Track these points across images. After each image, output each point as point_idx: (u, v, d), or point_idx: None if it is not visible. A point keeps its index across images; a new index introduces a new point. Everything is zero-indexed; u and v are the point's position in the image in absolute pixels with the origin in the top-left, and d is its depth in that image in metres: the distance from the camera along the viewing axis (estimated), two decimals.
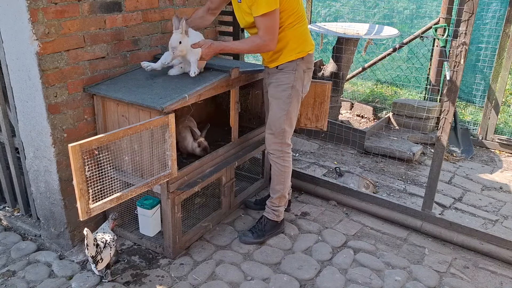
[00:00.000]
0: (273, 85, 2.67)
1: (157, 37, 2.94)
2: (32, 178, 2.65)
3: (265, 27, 2.44)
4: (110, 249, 2.36)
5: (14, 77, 2.41)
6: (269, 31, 2.44)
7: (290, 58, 2.58)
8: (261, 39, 2.47)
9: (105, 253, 2.32)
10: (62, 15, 2.30)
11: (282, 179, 2.81)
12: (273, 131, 2.70)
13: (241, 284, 2.49)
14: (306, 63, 2.64)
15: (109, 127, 2.57)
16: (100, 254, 2.29)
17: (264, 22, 2.42)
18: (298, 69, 2.61)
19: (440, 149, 2.82)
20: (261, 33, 2.46)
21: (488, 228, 3.14)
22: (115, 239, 2.42)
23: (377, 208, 3.18)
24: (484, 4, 5.03)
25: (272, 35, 2.46)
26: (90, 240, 2.21)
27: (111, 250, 2.37)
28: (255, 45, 2.51)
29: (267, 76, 2.76)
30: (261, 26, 2.44)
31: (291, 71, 2.60)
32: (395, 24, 5.80)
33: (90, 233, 2.21)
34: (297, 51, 2.58)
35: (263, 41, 2.47)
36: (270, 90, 2.70)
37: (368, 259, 2.74)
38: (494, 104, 4.49)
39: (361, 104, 5.45)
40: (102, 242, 2.33)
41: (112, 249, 2.38)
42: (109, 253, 2.36)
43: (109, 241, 2.36)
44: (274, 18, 2.43)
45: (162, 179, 2.30)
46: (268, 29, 2.44)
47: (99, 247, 2.28)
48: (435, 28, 4.46)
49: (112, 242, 2.38)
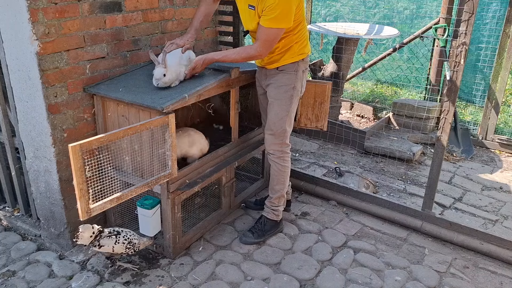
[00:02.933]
0: (273, 86, 2.66)
1: (157, 37, 2.94)
2: (32, 178, 2.65)
3: (265, 40, 2.42)
4: (116, 243, 2.38)
5: (14, 77, 2.41)
6: (267, 44, 2.43)
7: (292, 59, 2.59)
8: (255, 50, 2.45)
9: (106, 241, 2.35)
10: (62, 15, 2.30)
11: (282, 179, 2.82)
12: (274, 131, 2.70)
13: (241, 284, 2.49)
14: (304, 64, 2.67)
15: (109, 127, 2.57)
16: (99, 240, 2.33)
17: (267, 34, 2.40)
18: (298, 69, 2.62)
19: (440, 149, 2.82)
20: (259, 44, 2.43)
21: (488, 228, 3.14)
22: (131, 241, 2.44)
23: (377, 208, 3.18)
24: (484, 4, 5.03)
25: (268, 49, 2.45)
26: (86, 234, 2.28)
27: (116, 244, 2.38)
28: (248, 56, 2.49)
29: (263, 78, 2.74)
30: (263, 37, 2.42)
31: (293, 72, 2.61)
32: (395, 24, 5.80)
33: (88, 229, 2.28)
34: (299, 53, 2.60)
35: (257, 52, 2.45)
36: (270, 91, 2.69)
37: (368, 259, 2.74)
38: (494, 104, 4.49)
39: (361, 104, 5.45)
40: (110, 232, 2.38)
41: (118, 245, 2.39)
42: (112, 245, 2.37)
43: (121, 236, 2.40)
44: (278, 35, 2.42)
45: (162, 179, 2.30)
46: (268, 42, 2.43)
47: (101, 234, 2.34)
48: (435, 28, 4.46)
49: (123, 238, 2.40)
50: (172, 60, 2.49)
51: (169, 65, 2.46)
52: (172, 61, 2.48)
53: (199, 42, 3.33)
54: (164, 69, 2.43)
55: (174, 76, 2.50)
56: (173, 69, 2.49)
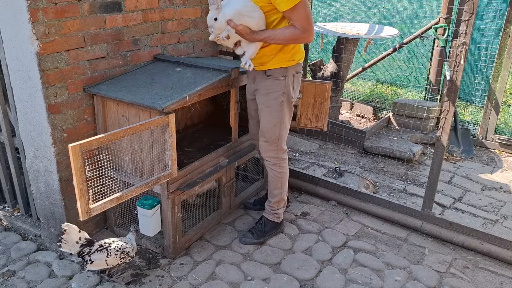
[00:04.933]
0: (262, 92, 2.58)
1: (157, 37, 2.94)
2: (32, 178, 2.65)
3: (299, 18, 2.27)
4: (108, 255, 2.31)
5: (14, 77, 2.41)
6: (306, 20, 2.28)
7: (282, 64, 2.49)
8: (299, 30, 2.29)
9: (96, 255, 2.28)
10: (62, 15, 2.30)
11: (279, 184, 2.79)
12: (267, 138, 2.65)
13: (241, 284, 2.49)
14: (295, 68, 2.56)
15: (109, 127, 2.57)
16: (89, 255, 2.26)
17: (297, 14, 2.26)
18: (288, 74, 2.52)
19: (440, 149, 2.82)
20: (299, 25, 2.28)
21: (488, 228, 3.14)
22: (124, 251, 2.37)
23: (377, 208, 3.18)
24: (484, 4, 5.03)
25: (310, 25, 2.30)
26: (71, 236, 2.21)
27: (109, 257, 2.31)
28: (294, 36, 2.31)
29: (251, 81, 2.66)
30: (294, 17, 2.27)
31: (281, 77, 2.51)
32: (395, 24, 5.80)
33: (73, 230, 2.21)
34: (288, 58, 2.50)
35: (302, 32, 2.29)
36: (259, 98, 2.61)
37: (368, 259, 2.74)
38: (494, 104, 4.49)
39: (361, 104, 5.45)
40: (101, 245, 2.31)
41: (111, 257, 2.32)
42: (105, 259, 2.30)
43: (112, 248, 2.33)
44: (306, 6, 2.26)
45: (162, 179, 2.30)
46: (305, 19, 2.27)
47: (89, 247, 2.26)
48: (435, 28, 4.46)
49: (115, 250, 2.34)
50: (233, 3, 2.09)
51: (225, 6, 2.01)
52: (232, 4, 2.09)
53: (199, 42, 3.33)
54: (215, 11, 2.01)
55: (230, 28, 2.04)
56: (230, 13, 2.05)
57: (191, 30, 3.22)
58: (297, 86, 2.67)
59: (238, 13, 2.16)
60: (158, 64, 2.85)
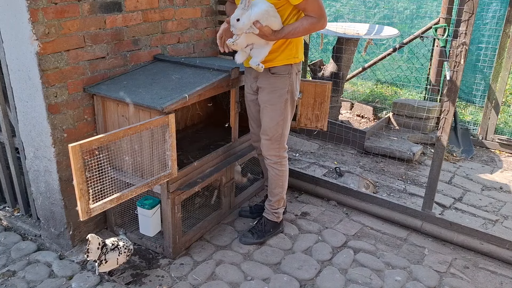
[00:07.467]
0: (266, 90, 2.56)
1: (157, 37, 2.94)
2: (32, 178, 2.65)
3: (314, 8, 2.28)
4: (119, 254, 2.37)
5: (14, 77, 2.41)
6: (320, 8, 2.29)
7: (288, 61, 2.49)
8: (316, 19, 2.30)
9: (111, 255, 2.33)
10: (62, 15, 2.30)
11: (280, 183, 2.80)
12: (270, 136, 2.64)
13: (241, 284, 2.49)
14: (297, 66, 2.57)
15: (109, 127, 2.57)
16: (105, 254, 2.30)
17: (311, 4, 2.27)
18: (292, 71, 2.53)
19: (440, 149, 2.82)
20: (314, 13, 2.29)
21: (488, 228, 3.14)
22: (129, 248, 2.44)
23: (377, 208, 3.18)
24: (484, 4, 5.03)
25: (324, 11, 2.31)
26: (94, 246, 2.24)
27: (120, 256, 2.37)
28: (313, 25, 2.32)
29: (253, 80, 2.63)
30: (309, 7, 2.28)
31: (286, 75, 2.52)
32: (395, 24, 5.80)
33: (95, 239, 2.24)
34: (295, 55, 2.51)
35: (318, 20, 2.30)
36: (263, 96, 2.59)
37: (368, 259, 2.74)
38: (494, 104, 4.49)
39: (361, 104, 5.45)
40: (112, 243, 2.35)
41: (122, 255, 2.38)
42: (116, 257, 2.35)
43: (121, 246, 2.39)
44: None
45: (162, 179, 2.30)
46: (319, 7, 2.29)
47: (105, 248, 2.30)
48: (435, 28, 4.46)
49: (124, 248, 2.40)
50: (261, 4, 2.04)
51: (254, 7, 1.96)
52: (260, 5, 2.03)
53: (199, 42, 3.33)
54: (241, 10, 1.96)
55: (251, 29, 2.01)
56: (257, 14, 2.03)
57: (191, 30, 3.22)
58: (299, 84, 2.69)
59: (266, 13, 2.14)
60: (158, 64, 2.85)
